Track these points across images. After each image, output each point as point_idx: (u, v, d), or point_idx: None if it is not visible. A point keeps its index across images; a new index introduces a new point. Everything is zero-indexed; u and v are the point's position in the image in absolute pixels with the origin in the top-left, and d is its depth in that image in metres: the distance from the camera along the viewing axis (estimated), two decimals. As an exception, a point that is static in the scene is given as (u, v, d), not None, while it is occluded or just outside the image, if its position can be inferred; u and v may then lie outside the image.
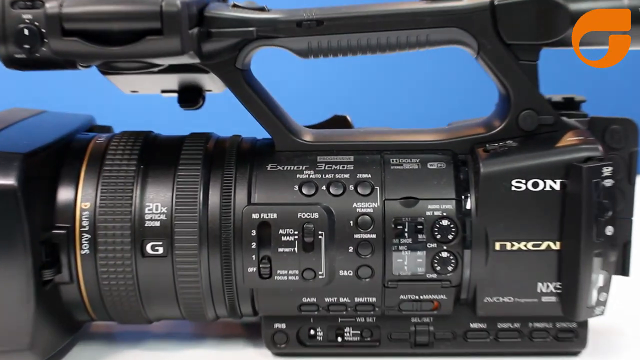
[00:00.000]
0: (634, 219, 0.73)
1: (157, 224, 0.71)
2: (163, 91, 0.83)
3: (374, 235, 0.70)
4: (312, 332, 0.75)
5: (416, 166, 0.72)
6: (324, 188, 0.71)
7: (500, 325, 0.74)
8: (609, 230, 0.69)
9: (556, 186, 0.69)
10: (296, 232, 0.70)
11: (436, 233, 0.70)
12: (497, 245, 0.70)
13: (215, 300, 0.74)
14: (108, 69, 0.70)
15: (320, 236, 0.70)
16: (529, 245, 0.70)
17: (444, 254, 0.71)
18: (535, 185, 0.69)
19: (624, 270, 0.74)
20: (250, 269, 0.71)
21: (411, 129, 0.77)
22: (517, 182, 0.69)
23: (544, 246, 0.70)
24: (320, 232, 0.70)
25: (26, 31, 0.67)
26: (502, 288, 0.72)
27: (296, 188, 0.72)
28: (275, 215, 0.70)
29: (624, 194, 0.72)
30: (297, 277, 0.71)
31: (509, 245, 0.70)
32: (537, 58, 0.72)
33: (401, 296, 0.72)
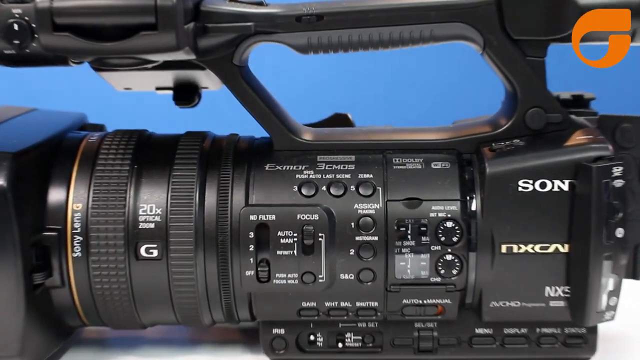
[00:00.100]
0: (645, 221, 0.74)
1: (152, 225, 0.71)
2: (157, 88, 0.83)
3: (376, 238, 0.70)
4: (312, 338, 0.75)
5: (420, 166, 0.72)
6: (324, 188, 0.71)
7: (506, 330, 0.74)
8: (620, 232, 0.68)
9: (565, 187, 0.69)
10: (295, 234, 0.70)
11: (440, 235, 0.70)
12: (504, 248, 0.70)
13: (211, 305, 0.74)
14: (100, 65, 0.70)
15: (320, 238, 0.70)
16: (537, 248, 0.70)
17: (449, 257, 0.70)
18: (543, 185, 0.69)
19: (634, 273, 0.74)
20: (248, 273, 0.71)
21: (414, 128, 0.77)
22: (524, 183, 0.69)
23: (551, 249, 0.70)
24: (320, 234, 0.70)
25: (16, 26, 0.67)
26: (509, 292, 0.72)
27: (295, 189, 0.72)
28: (273, 217, 0.70)
29: (634, 194, 0.72)
30: (297, 281, 0.71)
31: (515, 248, 0.70)
32: (545, 54, 0.72)
33: (404, 300, 0.72)
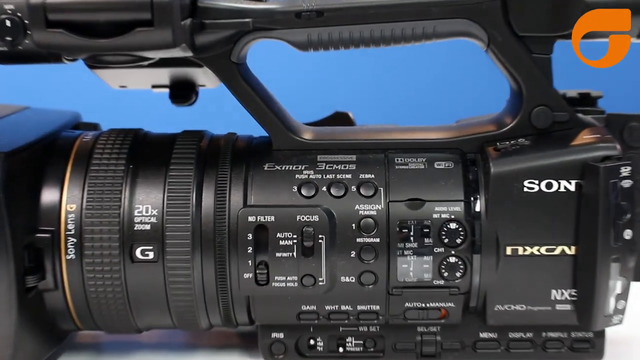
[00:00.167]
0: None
1: (147, 227, 0.71)
2: (153, 86, 0.83)
3: (378, 239, 0.70)
4: (312, 342, 0.75)
5: (422, 166, 0.72)
6: (324, 189, 0.71)
7: (511, 334, 0.74)
8: (628, 234, 0.68)
9: (571, 187, 0.69)
10: (295, 236, 0.70)
11: (444, 237, 0.70)
12: (509, 250, 0.70)
13: (208, 308, 0.73)
14: (95, 62, 0.70)
15: (320, 240, 0.70)
16: (542, 250, 0.70)
17: (452, 259, 0.70)
18: (549, 186, 0.69)
19: (643, 276, 0.74)
20: (246, 275, 0.71)
21: (417, 127, 0.77)
22: (530, 183, 0.69)
23: (558, 251, 0.70)
24: (320, 236, 0.70)
25: (8, 22, 0.67)
26: (514, 295, 0.72)
27: (295, 189, 0.71)
28: (272, 218, 0.70)
29: (643, 195, 0.72)
30: (296, 284, 0.71)
31: (521, 250, 0.70)
32: (551, 51, 0.72)
33: (406, 304, 0.72)
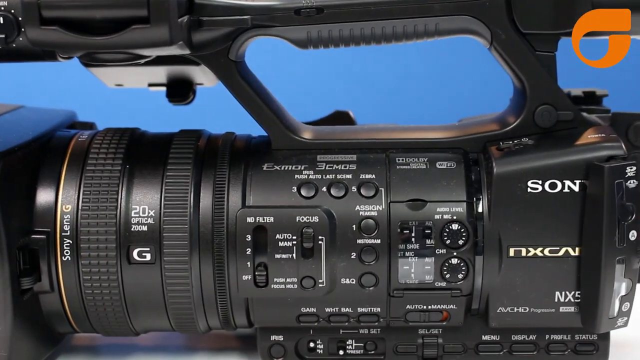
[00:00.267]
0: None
1: (144, 228, 0.71)
2: (150, 85, 0.83)
3: (379, 241, 0.70)
4: (312, 345, 0.75)
5: (424, 166, 0.72)
6: (324, 189, 0.71)
7: (514, 337, 0.74)
8: (633, 235, 0.68)
9: (575, 187, 0.69)
10: (294, 237, 0.70)
11: (445, 238, 0.70)
12: (512, 251, 0.70)
13: (207, 311, 0.73)
14: (91, 60, 0.69)
15: (320, 241, 0.70)
16: (546, 251, 0.70)
17: (454, 261, 0.70)
18: (552, 186, 0.69)
19: (648, 278, 0.73)
20: (245, 277, 0.71)
21: (419, 126, 0.77)
22: (534, 183, 0.69)
23: (562, 252, 0.70)
24: (320, 237, 0.70)
25: (1, 19, 0.67)
26: (517, 297, 0.71)
27: (294, 189, 0.71)
28: (271, 219, 0.70)
29: (648, 195, 0.72)
30: (296, 286, 0.71)
31: (524, 251, 0.70)
32: (555, 48, 0.72)
33: (408, 306, 0.72)
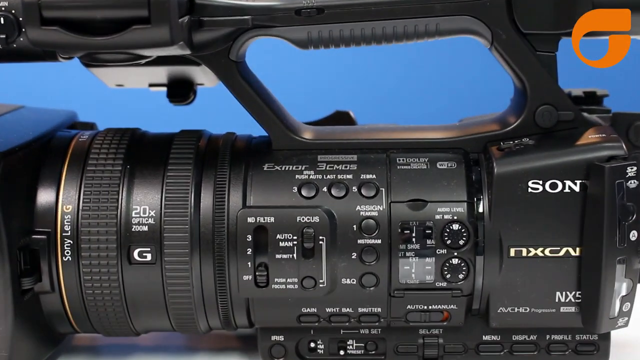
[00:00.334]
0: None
1: (145, 228, 0.71)
2: (151, 85, 0.83)
3: (379, 241, 0.70)
4: (313, 345, 0.75)
5: (425, 166, 0.72)
6: (325, 189, 0.71)
7: (515, 337, 0.74)
8: (634, 235, 0.68)
9: (576, 187, 0.69)
10: (295, 237, 0.70)
11: (446, 238, 0.70)
12: (512, 252, 0.70)
13: (207, 311, 0.73)
14: (91, 60, 0.69)
15: (321, 242, 0.70)
16: (547, 252, 0.70)
17: (455, 261, 0.70)
18: (553, 186, 0.69)
19: (649, 278, 0.74)
20: (245, 277, 0.71)
21: (419, 126, 0.77)
22: (534, 183, 0.69)
23: (562, 252, 0.70)
24: (321, 237, 0.70)
25: (2, 20, 0.67)
26: (518, 297, 0.71)
27: (295, 190, 0.71)
28: (272, 219, 0.70)
29: (649, 196, 0.72)
30: (296, 286, 0.71)
31: (524, 252, 0.70)
32: (556, 48, 0.72)
33: (408, 306, 0.72)
